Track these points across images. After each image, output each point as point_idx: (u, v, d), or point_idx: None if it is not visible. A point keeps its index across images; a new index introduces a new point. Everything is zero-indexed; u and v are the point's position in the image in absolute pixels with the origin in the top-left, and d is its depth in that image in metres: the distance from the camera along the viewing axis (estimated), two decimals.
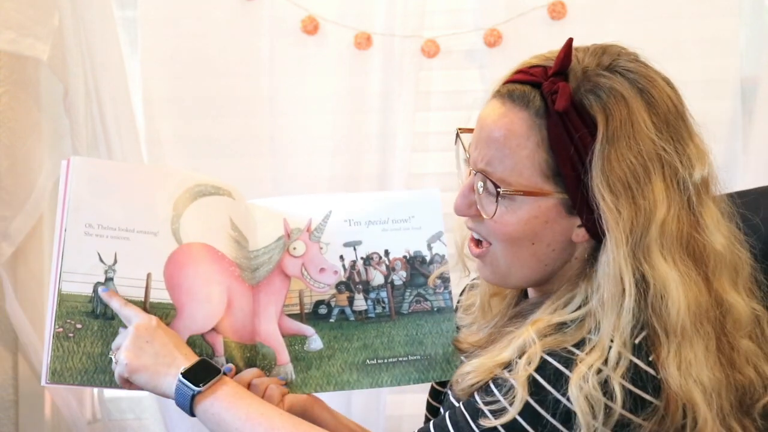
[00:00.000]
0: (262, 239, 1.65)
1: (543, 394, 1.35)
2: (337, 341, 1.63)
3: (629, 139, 1.36)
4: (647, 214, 1.35)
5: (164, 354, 1.49)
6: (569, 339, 1.38)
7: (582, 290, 1.42)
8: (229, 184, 1.65)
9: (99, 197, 1.55)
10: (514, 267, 1.45)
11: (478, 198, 1.44)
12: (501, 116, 1.41)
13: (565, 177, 1.38)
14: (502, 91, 1.43)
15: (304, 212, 1.66)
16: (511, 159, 1.40)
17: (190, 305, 1.57)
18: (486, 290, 1.58)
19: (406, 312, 1.65)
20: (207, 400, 1.46)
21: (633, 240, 1.35)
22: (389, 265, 1.66)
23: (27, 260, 2.48)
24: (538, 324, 1.41)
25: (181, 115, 2.49)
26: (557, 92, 1.37)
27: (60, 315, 1.52)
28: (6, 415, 2.47)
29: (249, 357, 1.60)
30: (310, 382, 1.62)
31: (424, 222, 1.67)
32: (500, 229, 1.43)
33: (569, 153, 1.37)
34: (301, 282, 1.64)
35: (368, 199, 1.70)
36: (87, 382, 1.53)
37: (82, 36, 2.39)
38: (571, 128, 1.37)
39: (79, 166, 1.56)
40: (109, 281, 1.54)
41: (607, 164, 1.35)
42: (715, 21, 2.47)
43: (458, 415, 1.41)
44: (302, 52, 2.47)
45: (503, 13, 2.45)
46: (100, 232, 1.55)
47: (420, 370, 1.63)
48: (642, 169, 1.35)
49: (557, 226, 1.42)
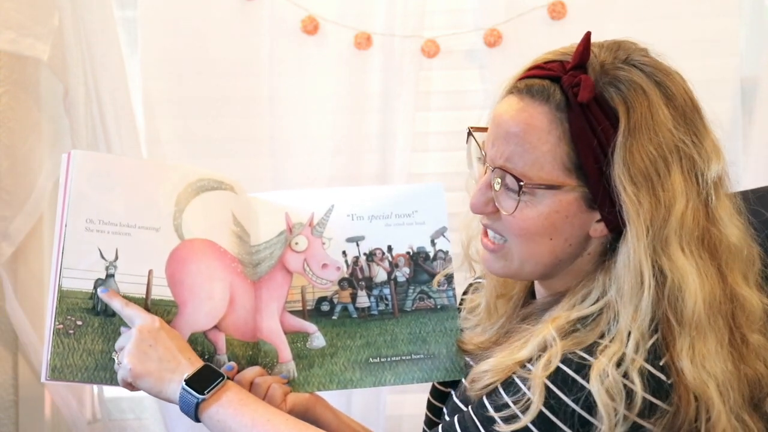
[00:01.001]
0: (264, 233, 1.63)
1: (558, 402, 1.35)
2: (340, 339, 1.62)
3: (650, 131, 1.36)
4: (667, 206, 1.36)
5: (168, 359, 1.48)
6: (589, 336, 1.38)
7: (600, 284, 1.42)
8: (231, 178, 1.64)
9: (100, 192, 1.54)
10: (529, 262, 1.45)
11: (495, 195, 1.43)
12: (520, 111, 1.41)
13: (587, 170, 1.39)
14: (519, 86, 1.42)
15: (306, 206, 1.65)
16: (532, 153, 1.40)
17: (192, 302, 1.56)
18: (492, 291, 1.58)
19: (409, 309, 1.64)
20: (212, 407, 1.46)
21: (653, 232, 1.36)
22: (392, 261, 1.65)
23: (27, 260, 2.48)
24: (558, 321, 1.41)
25: (181, 115, 2.49)
26: (579, 85, 1.38)
27: (60, 311, 1.50)
28: (6, 415, 2.47)
29: (251, 355, 1.59)
30: (312, 381, 1.61)
31: (428, 217, 1.66)
32: (519, 224, 1.42)
33: (592, 145, 1.37)
34: (303, 278, 1.63)
35: (371, 193, 1.69)
36: (87, 379, 1.52)
37: (82, 36, 2.39)
38: (593, 121, 1.37)
39: (80, 160, 1.54)
40: (110, 278, 1.53)
41: (629, 156, 1.36)
42: (715, 21, 2.47)
43: (467, 420, 1.41)
44: (302, 52, 2.46)
45: (503, 13, 2.45)
46: (101, 228, 1.54)
47: (424, 369, 1.62)
48: (662, 161, 1.36)
49: (576, 221, 1.42)
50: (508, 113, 1.42)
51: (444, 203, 1.67)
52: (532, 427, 1.35)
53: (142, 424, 2.57)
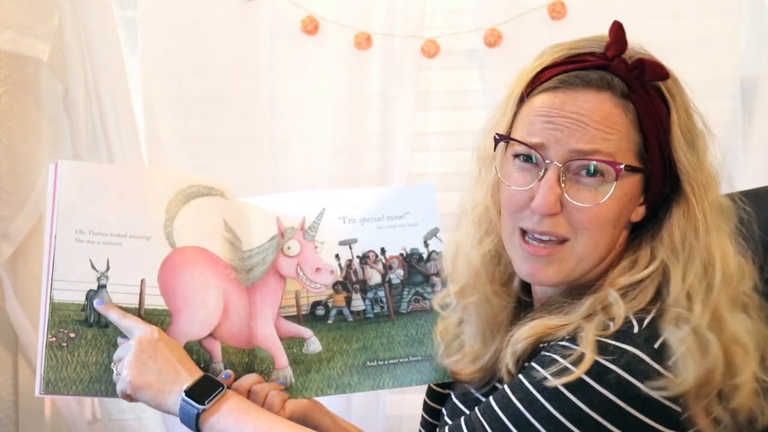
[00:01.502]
0: (256, 239, 1.63)
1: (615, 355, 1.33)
2: (336, 343, 1.62)
3: (686, 110, 1.43)
4: (709, 175, 1.43)
5: (168, 371, 1.48)
6: (645, 297, 1.40)
7: (646, 249, 1.43)
8: (222, 182, 1.62)
9: (89, 202, 1.53)
10: (588, 259, 1.43)
11: (566, 189, 1.40)
12: (586, 101, 1.40)
13: (651, 151, 1.41)
14: (566, 80, 1.41)
15: (297, 210, 1.64)
16: (615, 137, 1.40)
17: (186, 311, 1.56)
18: (488, 317, 1.52)
19: (404, 311, 1.64)
20: (213, 417, 1.46)
21: (701, 198, 1.41)
22: (386, 263, 1.65)
23: (27, 260, 2.48)
24: (615, 285, 1.41)
25: (181, 115, 2.49)
26: (639, 67, 1.40)
27: (53, 324, 1.49)
28: (6, 415, 2.47)
29: (247, 362, 1.59)
30: (310, 386, 1.61)
31: (420, 218, 1.66)
32: (597, 214, 1.41)
33: (656, 125, 1.41)
34: (296, 282, 1.63)
35: (362, 196, 1.69)
36: (82, 391, 1.51)
37: (82, 36, 2.39)
38: (654, 103, 1.41)
39: (68, 170, 1.53)
40: (102, 288, 1.52)
41: (684, 132, 1.41)
42: (715, 21, 2.47)
43: (488, 410, 1.37)
44: (302, 52, 2.46)
45: (503, 13, 2.45)
46: (92, 239, 1.53)
47: (421, 371, 1.62)
48: (698, 138, 1.43)
49: (632, 205, 1.44)
50: (573, 104, 1.41)
51: (435, 203, 1.66)
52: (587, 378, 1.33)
53: (142, 424, 2.57)
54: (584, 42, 1.46)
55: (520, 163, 1.44)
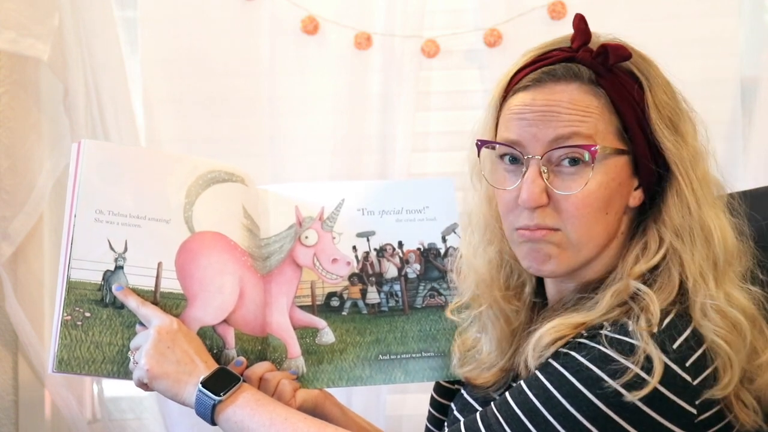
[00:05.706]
0: (274, 227, 1.62)
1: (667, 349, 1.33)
2: (350, 335, 1.62)
3: (663, 89, 1.44)
4: (694, 152, 1.44)
5: (185, 362, 1.48)
6: (672, 285, 1.40)
7: (654, 233, 1.43)
8: (242, 169, 1.62)
9: (110, 183, 1.52)
10: (585, 246, 1.43)
11: (550, 181, 1.41)
12: (555, 93, 1.41)
13: (632, 132, 1.41)
14: (535, 77, 1.42)
15: (316, 200, 1.64)
16: (589, 121, 1.40)
17: (201, 296, 1.55)
18: (500, 327, 1.52)
19: (419, 306, 1.64)
20: (229, 408, 1.46)
21: (688, 175, 1.42)
22: (403, 257, 1.64)
23: (27, 260, 2.48)
24: (633, 275, 1.41)
25: (181, 115, 2.49)
26: (603, 54, 1.41)
27: (68, 303, 1.49)
28: (6, 415, 2.47)
29: (260, 350, 1.59)
30: (321, 377, 1.61)
31: (439, 212, 1.65)
32: (582, 201, 1.41)
33: (632, 106, 1.41)
34: (312, 272, 1.62)
35: (381, 188, 1.68)
36: (94, 371, 1.51)
37: (82, 36, 2.39)
38: (626, 84, 1.41)
39: (91, 149, 1.53)
40: (119, 269, 1.52)
41: (663, 109, 1.42)
42: (715, 21, 2.47)
43: (506, 405, 1.36)
44: (302, 52, 2.46)
45: (503, 13, 2.45)
46: (111, 219, 1.52)
47: (434, 367, 1.62)
48: (679, 113, 1.44)
49: (624, 189, 1.43)
50: (543, 98, 1.41)
51: (454, 199, 1.65)
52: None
53: (142, 424, 2.57)
54: (552, 41, 1.47)
55: (506, 165, 1.45)
